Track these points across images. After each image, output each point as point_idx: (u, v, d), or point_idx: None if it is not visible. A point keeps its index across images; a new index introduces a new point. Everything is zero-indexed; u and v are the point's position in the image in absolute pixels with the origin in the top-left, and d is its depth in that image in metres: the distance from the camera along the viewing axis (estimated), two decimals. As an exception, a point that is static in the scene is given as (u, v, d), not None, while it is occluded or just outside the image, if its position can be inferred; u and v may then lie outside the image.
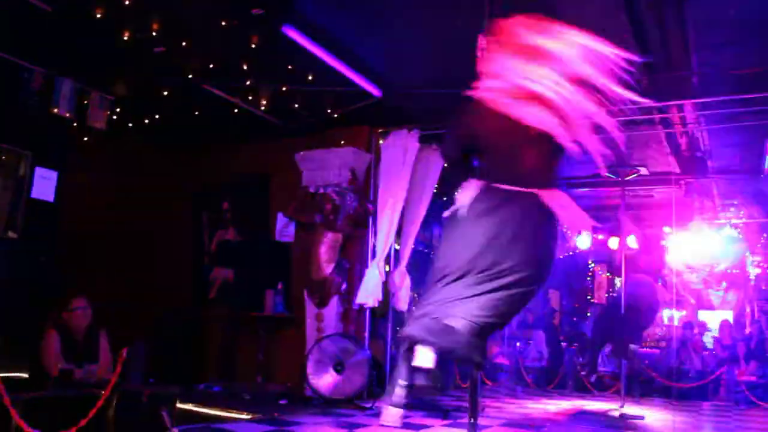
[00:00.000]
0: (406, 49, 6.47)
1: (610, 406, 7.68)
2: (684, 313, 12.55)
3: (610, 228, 11.93)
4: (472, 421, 3.27)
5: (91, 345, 5.79)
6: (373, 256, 7.74)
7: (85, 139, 7.83)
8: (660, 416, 7.48)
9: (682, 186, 10.00)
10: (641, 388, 9.19)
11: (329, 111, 7.69)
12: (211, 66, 6.78)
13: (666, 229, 11.12)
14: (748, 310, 12.59)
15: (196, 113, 7.95)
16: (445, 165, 3.26)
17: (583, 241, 12.19)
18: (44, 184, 7.86)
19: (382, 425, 3.02)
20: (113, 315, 6.38)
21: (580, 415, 7.33)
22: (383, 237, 7.67)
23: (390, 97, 7.29)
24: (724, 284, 12.90)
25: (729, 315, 12.30)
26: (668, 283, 12.38)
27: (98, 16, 5.62)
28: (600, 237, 12.12)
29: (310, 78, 6.88)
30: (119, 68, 6.97)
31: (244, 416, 6.10)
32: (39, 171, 7.80)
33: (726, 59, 6.39)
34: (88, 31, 6.02)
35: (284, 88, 7.24)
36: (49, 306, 6.06)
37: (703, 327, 11.71)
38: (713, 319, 12.38)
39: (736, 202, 11.23)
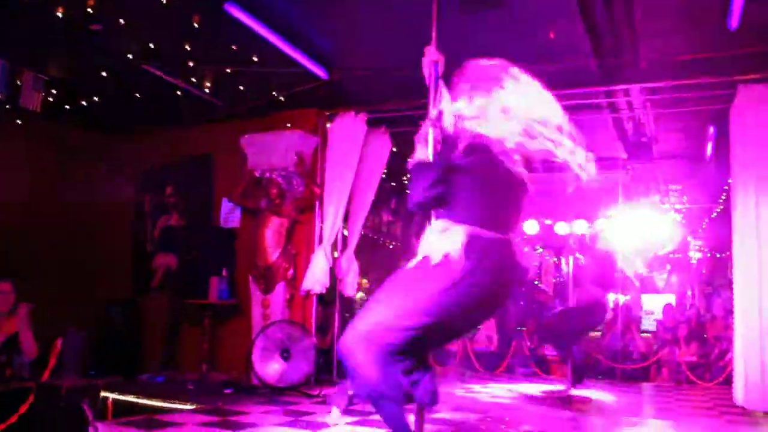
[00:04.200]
0: (353, 30, 6.32)
1: (558, 388, 7.75)
2: (629, 297, 12.77)
3: (557, 213, 12.05)
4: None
5: (16, 336, 5.51)
6: (320, 241, 7.62)
7: (18, 121, 7.50)
8: (605, 396, 7.58)
9: (629, 171, 10.13)
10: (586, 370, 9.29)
11: (275, 93, 7.52)
12: (151, 46, 6.53)
13: (611, 213, 11.27)
14: (689, 293, 12.91)
15: (137, 95, 7.68)
16: (411, 209, 3.04)
17: (531, 227, 12.28)
18: (-26, 170, 7.52)
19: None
20: (49, 304, 6.10)
21: (530, 398, 7.37)
22: (330, 222, 7.55)
23: (337, 78, 7.15)
24: (668, 267, 13.19)
25: (671, 298, 12.59)
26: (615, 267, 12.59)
27: (28, -10, 5.35)
28: (548, 222, 12.22)
29: (254, 59, 6.70)
30: (54, 47, 6.66)
31: (188, 406, 5.93)
32: (-31, 156, 7.46)
33: (672, 45, 6.44)
34: (19, 7, 5.72)
35: (228, 70, 7.04)
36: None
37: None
38: (656, 302, 12.67)
39: (679, 187, 11.44)
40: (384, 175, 8.22)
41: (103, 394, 5.68)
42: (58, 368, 4.73)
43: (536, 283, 13.25)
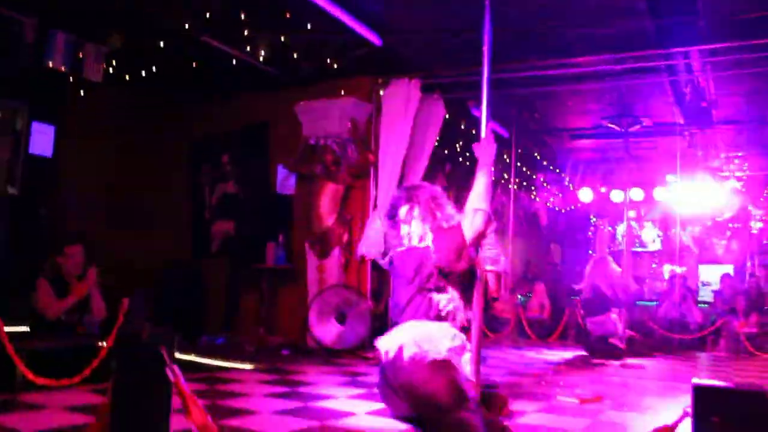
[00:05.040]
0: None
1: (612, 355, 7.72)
2: (685, 268, 12.58)
3: (613, 181, 11.90)
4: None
5: (87, 297, 5.74)
6: (375, 206, 7.69)
7: (82, 92, 7.73)
8: (661, 365, 7.54)
9: (686, 137, 9.89)
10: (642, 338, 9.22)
11: (329, 60, 7.56)
12: (207, 15, 6.63)
13: (669, 178, 11.05)
14: (748, 264, 12.63)
15: (194, 65, 7.82)
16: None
17: (585, 195, 12.17)
18: (42, 139, 7.80)
19: None
20: (113, 268, 6.34)
21: (583, 364, 7.38)
22: (385, 187, 7.61)
23: (390, 44, 7.16)
24: (728, 233, 12.90)
25: (729, 269, 12.34)
26: (670, 236, 12.39)
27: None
28: (602, 190, 12.08)
29: (308, 26, 6.75)
30: (114, 19, 6.82)
31: (247, 366, 6.14)
32: (36, 126, 7.72)
33: (733, 3, 6.24)
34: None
35: (282, 38, 7.11)
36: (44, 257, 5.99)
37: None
38: (714, 274, 12.44)
39: (740, 154, 11.13)
40: (437, 141, 8.23)
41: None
42: (125, 327, 4.95)
43: (590, 252, 13.13)
